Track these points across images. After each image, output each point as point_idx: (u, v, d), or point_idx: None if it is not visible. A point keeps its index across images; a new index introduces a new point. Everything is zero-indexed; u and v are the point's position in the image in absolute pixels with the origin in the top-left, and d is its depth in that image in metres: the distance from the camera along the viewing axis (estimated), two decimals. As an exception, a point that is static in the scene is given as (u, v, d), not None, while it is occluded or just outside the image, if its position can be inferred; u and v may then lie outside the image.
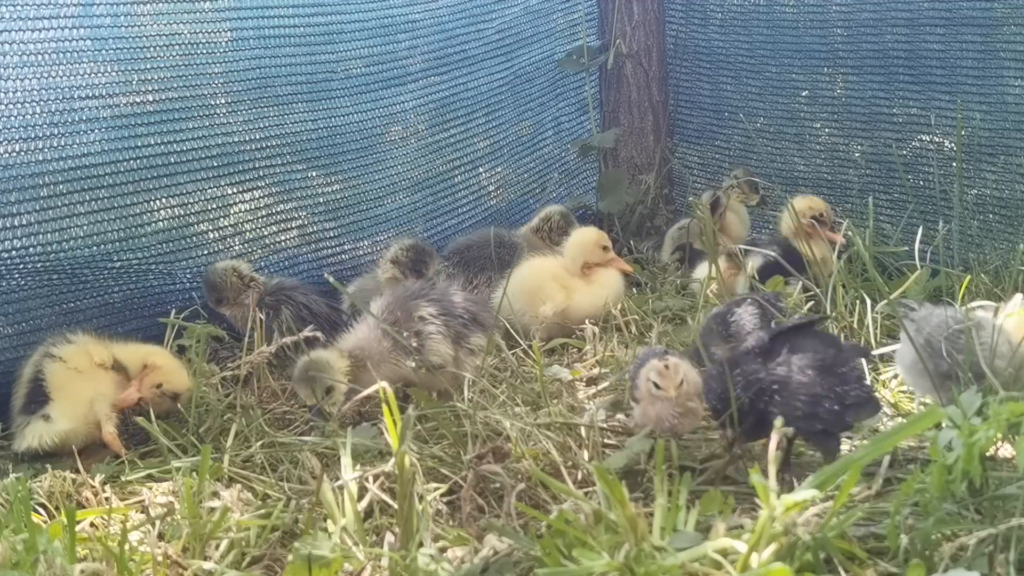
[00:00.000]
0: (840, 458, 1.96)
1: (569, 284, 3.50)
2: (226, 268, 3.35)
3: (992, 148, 3.75)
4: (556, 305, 3.42)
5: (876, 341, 3.01)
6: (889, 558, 1.86)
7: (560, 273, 3.53)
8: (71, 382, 2.71)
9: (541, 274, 3.51)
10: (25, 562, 1.96)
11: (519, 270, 3.53)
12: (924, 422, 1.88)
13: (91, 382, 2.73)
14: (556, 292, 3.46)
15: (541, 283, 3.47)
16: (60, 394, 2.69)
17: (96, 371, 2.76)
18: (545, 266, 3.56)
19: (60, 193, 3.11)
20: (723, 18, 4.61)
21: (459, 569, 1.93)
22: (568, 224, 3.99)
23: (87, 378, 2.73)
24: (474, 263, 3.73)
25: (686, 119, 4.87)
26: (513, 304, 3.38)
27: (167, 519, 2.23)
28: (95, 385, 2.73)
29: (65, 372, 2.72)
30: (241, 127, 3.61)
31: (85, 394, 2.70)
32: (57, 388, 2.69)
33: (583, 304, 3.46)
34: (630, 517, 1.80)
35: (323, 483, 2.12)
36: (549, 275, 3.51)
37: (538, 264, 3.57)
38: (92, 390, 2.72)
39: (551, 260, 3.60)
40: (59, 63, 3.07)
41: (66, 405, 2.67)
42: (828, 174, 4.16)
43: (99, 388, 2.73)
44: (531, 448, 2.41)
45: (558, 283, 3.49)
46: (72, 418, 2.66)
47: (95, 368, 2.76)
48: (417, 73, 4.14)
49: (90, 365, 2.75)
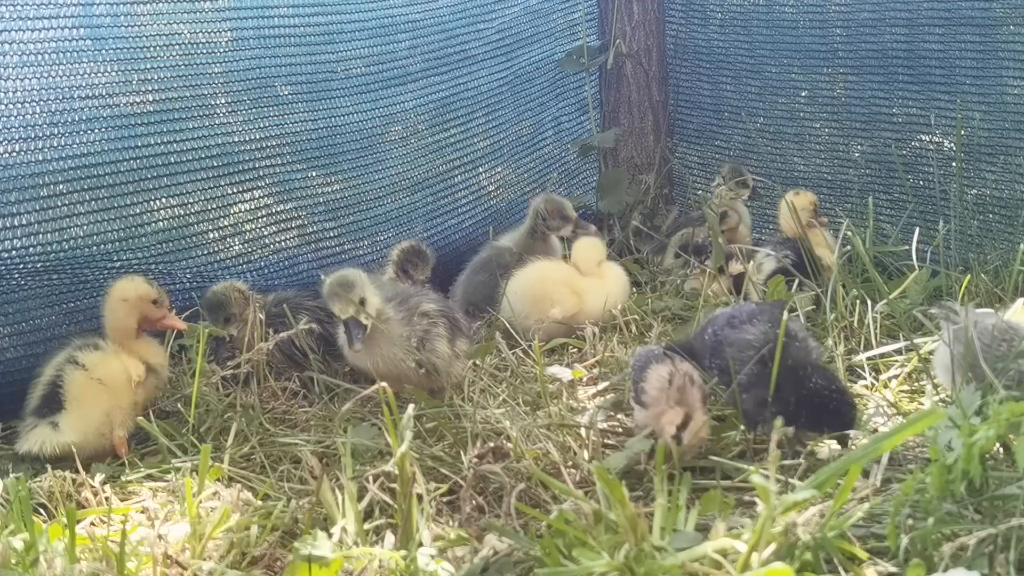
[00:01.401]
0: (840, 458, 1.96)
1: (579, 288, 3.48)
2: (227, 287, 3.24)
3: (992, 148, 3.75)
4: (567, 309, 3.41)
5: (876, 341, 3.01)
6: (889, 558, 1.86)
7: (569, 276, 3.51)
8: (89, 394, 2.66)
9: (549, 279, 3.49)
10: (25, 562, 1.96)
11: (523, 273, 3.51)
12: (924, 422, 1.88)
13: (111, 395, 2.69)
14: (567, 296, 3.44)
15: (548, 288, 3.45)
16: (75, 405, 2.64)
17: (122, 385, 2.72)
18: (552, 270, 3.54)
19: (60, 193, 3.11)
20: (723, 18, 4.61)
21: (459, 569, 1.93)
22: (557, 205, 3.93)
23: (108, 391, 2.69)
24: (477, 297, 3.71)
25: (686, 119, 4.87)
26: (515, 307, 3.38)
27: (167, 519, 2.23)
28: (115, 399, 2.69)
29: (86, 383, 2.67)
30: (241, 127, 3.60)
31: (101, 408, 2.66)
32: (73, 399, 2.64)
33: (594, 307, 3.45)
34: (630, 517, 1.80)
35: (323, 483, 2.12)
36: (558, 280, 3.48)
37: (544, 268, 3.55)
38: (110, 403, 2.68)
39: (558, 264, 3.57)
40: (59, 63, 3.07)
41: (77, 418, 2.63)
42: (828, 174, 4.17)
43: (119, 401, 2.70)
44: (531, 448, 2.41)
45: (569, 288, 3.47)
46: (81, 432, 2.62)
47: (122, 382, 2.72)
48: (417, 73, 4.14)
49: (117, 377, 2.71)
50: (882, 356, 2.96)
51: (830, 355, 2.88)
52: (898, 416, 2.66)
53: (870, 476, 2.18)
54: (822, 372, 2.43)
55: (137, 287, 2.84)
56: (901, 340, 2.98)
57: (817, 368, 2.44)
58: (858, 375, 2.90)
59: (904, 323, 3.11)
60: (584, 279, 3.51)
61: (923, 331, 2.98)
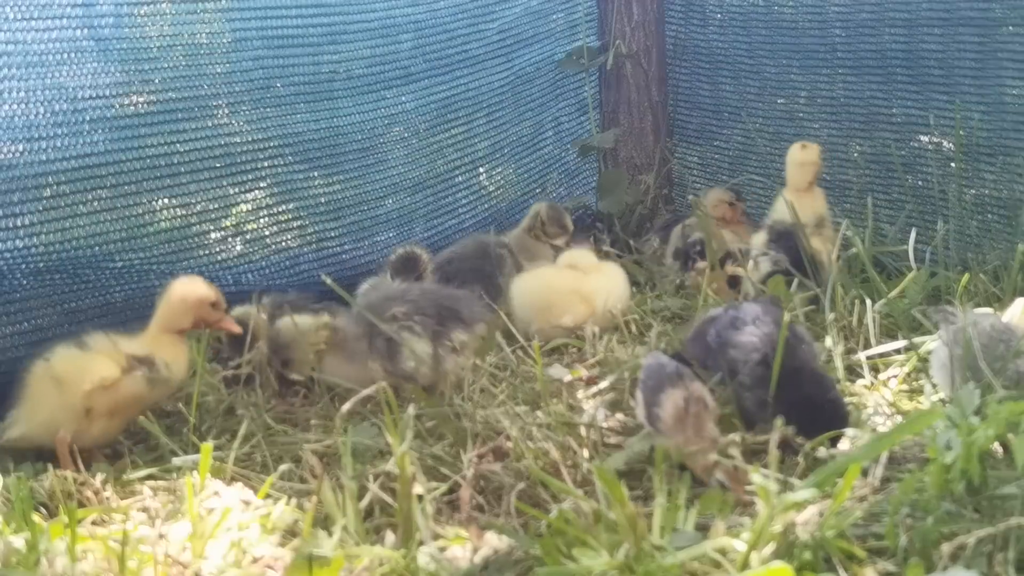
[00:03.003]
0: (840, 457, 1.97)
1: (588, 292, 3.44)
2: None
3: (990, 148, 3.76)
4: (578, 318, 3.39)
5: (876, 341, 3.02)
6: (888, 557, 1.87)
7: (576, 283, 3.45)
8: (41, 390, 2.63)
9: (555, 289, 3.43)
10: (26, 562, 1.97)
11: (526, 281, 3.48)
12: (923, 421, 1.89)
13: (63, 394, 2.62)
14: (576, 304, 3.42)
15: (554, 299, 3.40)
16: (27, 400, 2.62)
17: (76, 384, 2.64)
18: (558, 279, 3.48)
19: (62, 193, 3.11)
20: (723, 18, 4.62)
21: (459, 569, 1.94)
22: (558, 215, 3.95)
23: (61, 389, 2.62)
24: (457, 277, 3.69)
25: (686, 119, 4.88)
26: (519, 313, 3.36)
27: (168, 518, 2.23)
28: (66, 398, 2.62)
29: (42, 378, 2.64)
30: (243, 127, 3.61)
31: (49, 405, 2.61)
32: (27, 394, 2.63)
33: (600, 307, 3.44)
34: (630, 516, 1.81)
35: (323, 483, 2.13)
36: (565, 289, 3.43)
37: (549, 277, 3.50)
38: (59, 401, 2.61)
39: (561, 272, 3.53)
40: (62, 64, 3.07)
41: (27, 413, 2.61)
42: (827, 174, 4.16)
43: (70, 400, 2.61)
44: (531, 447, 2.41)
45: (577, 295, 3.42)
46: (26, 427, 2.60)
47: (78, 382, 2.63)
48: (418, 74, 4.14)
49: (74, 377, 2.63)
50: (881, 355, 2.97)
51: (829, 354, 2.89)
52: (897, 415, 2.67)
53: (869, 475, 2.18)
54: (818, 379, 2.45)
55: (198, 289, 2.81)
56: (900, 340, 2.99)
57: (814, 374, 2.46)
58: (857, 374, 2.91)
59: (903, 322, 3.12)
60: (588, 279, 3.49)
61: (922, 331, 2.98)
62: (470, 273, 3.68)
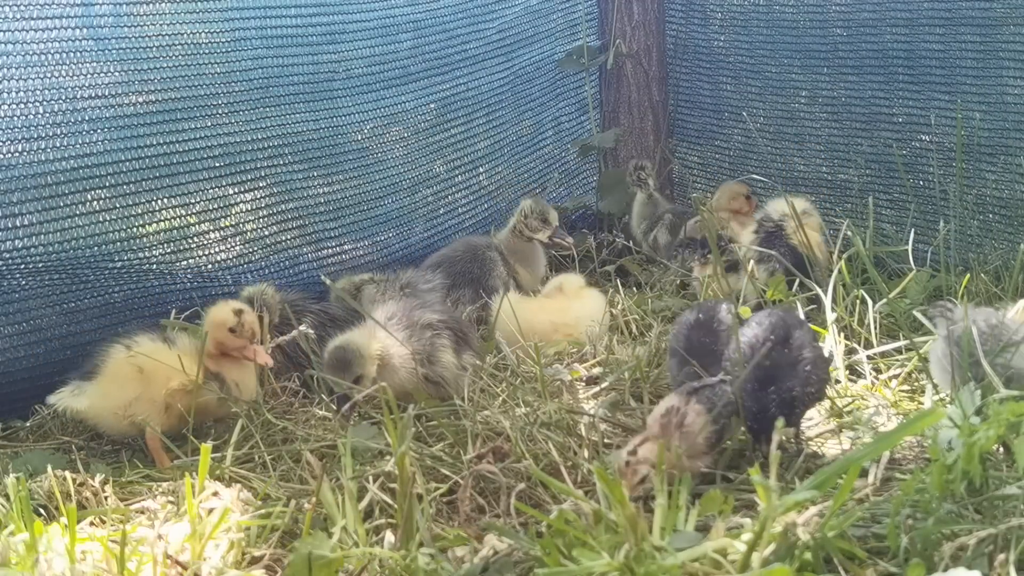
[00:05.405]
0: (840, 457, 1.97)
1: (571, 325, 3.38)
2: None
3: (992, 148, 3.75)
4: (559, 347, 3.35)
5: (876, 340, 3.01)
6: (889, 558, 1.86)
7: (560, 317, 3.39)
8: (122, 374, 2.66)
9: (536, 327, 3.33)
10: (25, 562, 1.96)
11: (509, 313, 3.32)
12: (924, 422, 1.88)
13: (143, 384, 2.66)
14: (558, 338, 3.36)
15: (540, 330, 3.33)
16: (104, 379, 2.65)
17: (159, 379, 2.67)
18: (540, 314, 3.40)
19: (62, 193, 3.11)
20: (723, 18, 4.61)
21: (459, 569, 1.93)
22: (540, 208, 3.93)
23: (142, 378, 2.66)
24: (448, 279, 3.68)
25: (686, 119, 4.87)
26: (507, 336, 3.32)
27: (167, 519, 2.23)
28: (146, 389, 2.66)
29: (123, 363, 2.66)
30: (243, 127, 3.61)
31: (127, 391, 2.65)
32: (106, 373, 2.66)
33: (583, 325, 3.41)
34: (630, 517, 1.81)
35: (323, 483, 2.12)
36: (548, 328, 3.36)
37: (533, 310, 3.41)
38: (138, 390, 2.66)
39: (546, 306, 3.47)
40: (61, 63, 3.07)
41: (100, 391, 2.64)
42: (828, 174, 4.17)
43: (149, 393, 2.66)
44: (531, 447, 2.41)
45: (559, 333, 3.37)
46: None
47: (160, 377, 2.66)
48: (418, 73, 4.14)
49: (155, 371, 2.66)
50: (882, 355, 2.97)
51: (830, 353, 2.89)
52: (898, 416, 2.66)
53: (870, 476, 2.18)
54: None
55: (216, 313, 2.76)
56: (901, 340, 2.98)
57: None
58: (858, 374, 2.91)
59: (904, 323, 3.11)
60: (569, 311, 3.42)
61: (923, 331, 2.98)
62: (460, 276, 3.68)
